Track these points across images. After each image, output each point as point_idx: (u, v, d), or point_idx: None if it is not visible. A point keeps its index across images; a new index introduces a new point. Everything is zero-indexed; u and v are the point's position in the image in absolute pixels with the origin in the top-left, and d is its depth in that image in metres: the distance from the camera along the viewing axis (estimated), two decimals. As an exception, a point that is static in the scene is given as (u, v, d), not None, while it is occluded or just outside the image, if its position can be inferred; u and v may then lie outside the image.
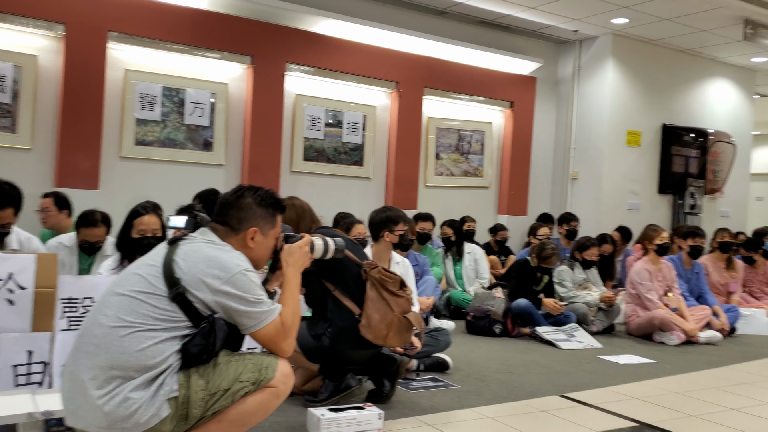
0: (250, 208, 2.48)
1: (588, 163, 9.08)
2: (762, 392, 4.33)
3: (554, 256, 6.04)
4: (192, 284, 2.27)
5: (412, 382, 3.98)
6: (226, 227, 2.47)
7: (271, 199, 2.53)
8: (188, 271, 2.29)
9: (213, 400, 2.29)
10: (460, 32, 8.40)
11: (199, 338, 2.26)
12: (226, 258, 2.34)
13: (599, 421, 3.47)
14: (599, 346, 5.56)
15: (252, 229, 2.47)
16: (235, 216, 2.47)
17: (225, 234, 2.46)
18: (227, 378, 2.31)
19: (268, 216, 2.52)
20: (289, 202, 3.48)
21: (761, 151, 16.37)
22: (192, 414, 2.27)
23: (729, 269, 7.21)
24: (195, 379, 2.27)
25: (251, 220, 2.47)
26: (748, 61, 9.86)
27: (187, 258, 2.31)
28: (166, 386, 2.22)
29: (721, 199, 10.09)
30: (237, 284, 2.30)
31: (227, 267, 2.31)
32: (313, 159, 7.45)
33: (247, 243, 2.47)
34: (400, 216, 4.32)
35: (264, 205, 2.50)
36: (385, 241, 4.29)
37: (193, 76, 6.75)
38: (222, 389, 2.30)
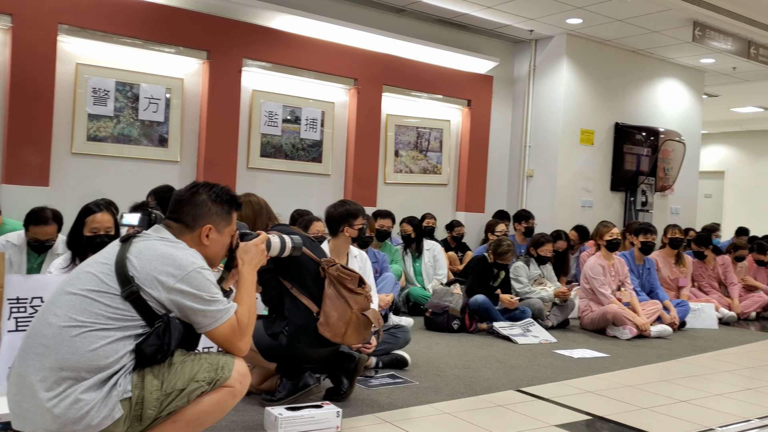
0: (204, 205, 2.44)
1: (543, 161, 9.22)
2: (711, 384, 4.46)
3: (510, 253, 6.11)
4: (146, 282, 2.24)
5: (370, 380, 3.99)
6: (180, 224, 2.43)
7: (226, 195, 2.50)
8: (142, 269, 2.25)
9: (168, 400, 2.25)
10: (419, 30, 8.43)
11: (153, 338, 2.22)
12: (180, 256, 2.31)
13: (554, 415, 3.53)
14: (554, 341, 5.65)
15: (207, 227, 2.44)
16: (190, 213, 2.43)
17: (179, 231, 2.42)
18: (182, 378, 2.28)
19: (224, 213, 2.49)
20: (246, 199, 3.45)
21: (710, 149, 16.86)
22: (146, 415, 2.23)
23: (678, 265, 7.39)
24: (149, 380, 2.23)
25: (206, 217, 2.44)
26: (697, 62, 10.12)
27: (141, 256, 2.27)
28: (119, 387, 2.17)
29: (671, 196, 10.34)
30: (192, 282, 2.27)
31: (182, 265, 2.28)
32: (271, 155, 7.39)
33: (202, 240, 2.43)
34: (359, 210, 4.31)
35: (219, 202, 2.47)
36: (344, 235, 4.27)
37: (147, 70, 6.62)
38: (177, 389, 2.26)
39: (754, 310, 7.70)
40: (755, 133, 16.33)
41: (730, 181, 16.95)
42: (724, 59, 9.60)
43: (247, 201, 3.43)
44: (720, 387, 4.40)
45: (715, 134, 16.85)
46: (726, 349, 5.77)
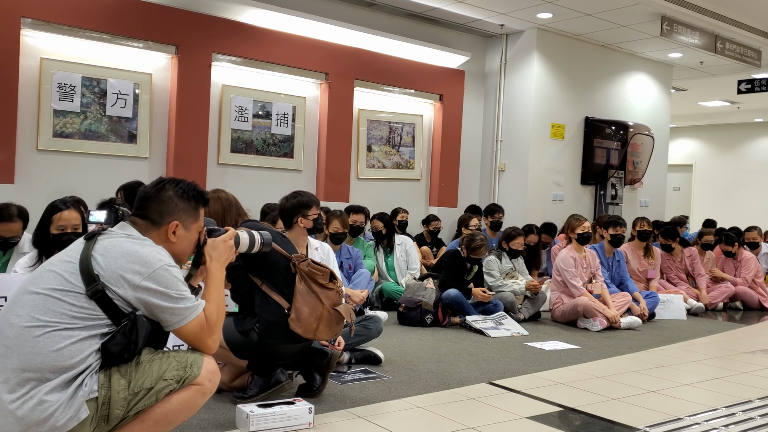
0: (171, 201, 2.41)
1: (515, 156, 9.27)
2: (679, 374, 4.53)
3: (483, 247, 6.14)
4: (111, 280, 2.20)
5: (343, 375, 3.98)
6: (146, 221, 2.40)
7: (193, 191, 2.47)
8: (107, 266, 2.21)
9: (136, 399, 2.22)
10: (390, 24, 8.41)
11: (120, 336, 2.19)
12: (146, 253, 2.27)
13: (526, 407, 3.56)
14: (526, 334, 5.70)
15: (173, 223, 2.41)
16: (156, 209, 2.40)
17: (145, 228, 2.39)
18: (150, 376, 2.25)
19: (191, 209, 2.46)
20: (215, 195, 3.41)
21: (678, 143, 17.12)
22: (113, 415, 2.20)
23: (647, 257, 7.50)
24: (116, 379, 2.20)
25: (173, 214, 2.41)
26: (666, 56, 10.25)
27: (106, 253, 2.24)
28: (85, 387, 2.14)
29: (640, 190, 10.48)
30: (159, 280, 2.24)
31: (148, 262, 2.25)
32: (241, 151, 7.33)
33: (169, 237, 2.40)
34: (312, 200, 4.21)
35: (186, 197, 2.44)
36: (299, 227, 4.20)
37: (114, 65, 6.52)
38: (145, 388, 2.23)
39: (721, 300, 7.84)
40: (722, 126, 16.61)
41: (698, 174, 17.23)
42: (692, 54, 9.74)
43: (216, 197, 3.40)
44: (688, 377, 4.47)
45: (683, 128, 17.11)
46: (694, 340, 5.86)
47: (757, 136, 16.26)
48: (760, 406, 3.75)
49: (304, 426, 3.00)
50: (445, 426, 3.19)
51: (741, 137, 16.47)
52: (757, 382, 4.35)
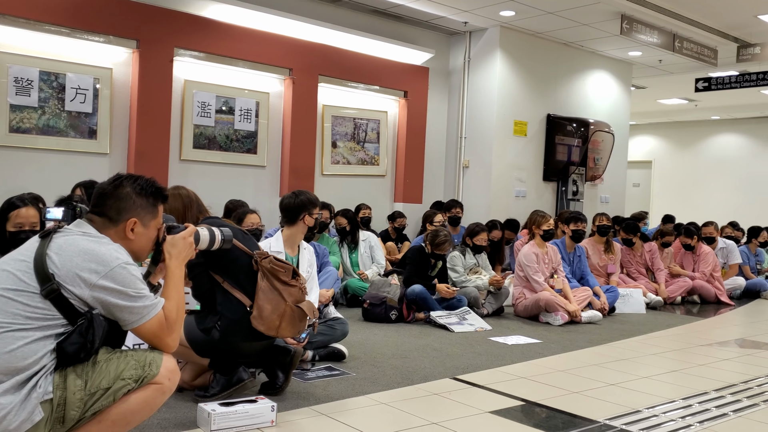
0: (129, 197, 2.37)
1: (478, 152, 9.34)
2: (639, 367, 4.62)
3: (447, 243, 6.18)
4: (67, 279, 2.16)
5: (306, 373, 3.97)
6: (103, 218, 2.35)
7: (151, 188, 2.43)
8: (63, 265, 2.16)
9: (93, 400, 2.18)
10: (354, 20, 8.40)
11: (76, 336, 2.14)
12: (103, 251, 2.23)
13: (489, 402, 3.59)
14: (489, 328, 5.75)
15: (131, 220, 2.37)
16: (114, 206, 2.35)
17: (103, 226, 2.34)
18: (108, 376, 2.21)
19: (149, 206, 2.41)
20: (175, 191, 3.37)
21: (637, 140, 17.44)
22: (69, 416, 2.16)
23: (608, 252, 7.63)
24: (72, 379, 2.16)
25: (130, 211, 2.37)
26: (626, 54, 10.42)
27: (61, 252, 2.19)
28: (39, 388, 2.09)
29: (601, 186, 10.64)
30: (116, 278, 2.20)
31: (105, 260, 2.21)
32: (204, 147, 7.25)
33: (127, 234, 2.36)
34: (317, 200, 4.35)
35: (144, 194, 2.40)
36: (302, 224, 4.25)
37: (73, 60, 6.39)
38: (102, 388, 2.20)
39: (679, 294, 8.01)
40: (681, 123, 16.96)
41: (658, 170, 17.57)
42: (651, 52, 9.92)
43: (177, 194, 3.36)
44: (647, 370, 4.56)
45: (643, 125, 17.43)
46: (653, 333, 5.99)
47: (714, 134, 16.65)
48: (716, 398, 3.84)
49: (267, 424, 2.99)
50: (409, 422, 3.21)
51: (699, 134, 16.84)
52: (714, 374, 4.46)
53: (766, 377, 4.40)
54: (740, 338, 5.96)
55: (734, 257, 8.90)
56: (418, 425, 3.16)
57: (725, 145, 16.45)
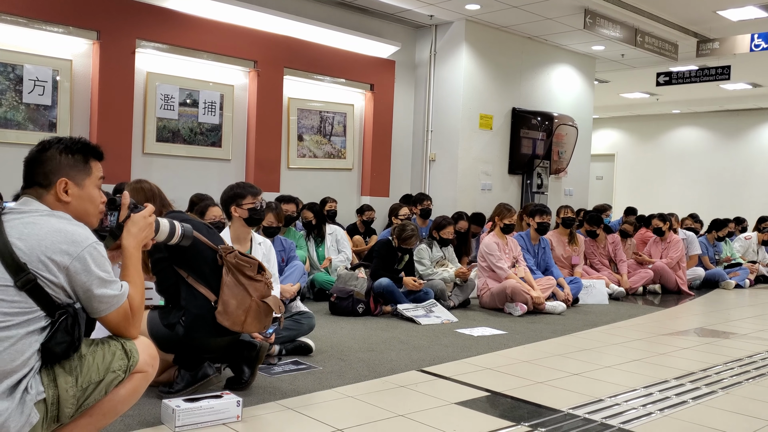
0: (53, 158, 2.19)
1: (445, 146, 9.38)
2: (601, 357, 4.70)
3: (414, 238, 6.20)
4: (40, 266, 2.02)
5: (273, 367, 3.95)
6: (35, 187, 2.19)
7: (77, 144, 2.25)
8: (31, 251, 2.03)
9: (86, 395, 2.12)
10: (320, 13, 8.35)
11: (62, 334, 2.04)
12: (71, 229, 2.10)
13: (455, 393, 3.62)
14: (455, 320, 5.79)
15: (62, 180, 2.18)
16: (41, 172, 2.18)
17: (38, 195, 2.18)
18: (97, 369, 2.14)
19: (78, 164, 2.24)
20: (137, 185, 3.32)
21: (601, 133, 17.68)
22: (65, 414, 2.08)
23: (572, 243, 7.73)
24: (62, 377, 2.07)
25: (58, 172, 2.19)
26: (589, 48, 10.55)
27: (25, 237, 2.04)
28: (31, 390, 2.00)
29: (565, 179, 10.78)
30: (89, 259, 2.09)
31: (76, 240, 2.08)
32: (167, 140, 7.15)
33: (60, 197, 2.19)
34: (248, 189, 4.18)
35: (70, 152, 2.22)
36: (235, 217, 4.18)
37: (32, 51, 6.25)
38: (94, 382, 2.13)
39: (641, 285, 8.15)
40: (642, 117, 17.25)
41: (620, 163, 17.86)
42: (614, 46, 10.06)
43: (139, 187, 3.31)
44: (610, 359, 4.64)
45: (606, 119, 17.68)
46: (616, 323, 6.09)
47: (674, 127, 16.96)
48: (676, 386, 3.92)
49: (233, 419, 2.97)
50: (375, 414, 3.22)
51: (660, 128, 17.14)
52: (674, 362, 4.56)
53: (724, 365, 4.51)
54: (699, 327, 6.09)
55: (694, 248, 9.09)
56: (384, 417, 3.17)
57: (685, 138, 16.78)
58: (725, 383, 4.04)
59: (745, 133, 15.90)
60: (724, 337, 5.59)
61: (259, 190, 4.25)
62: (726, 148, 16.10)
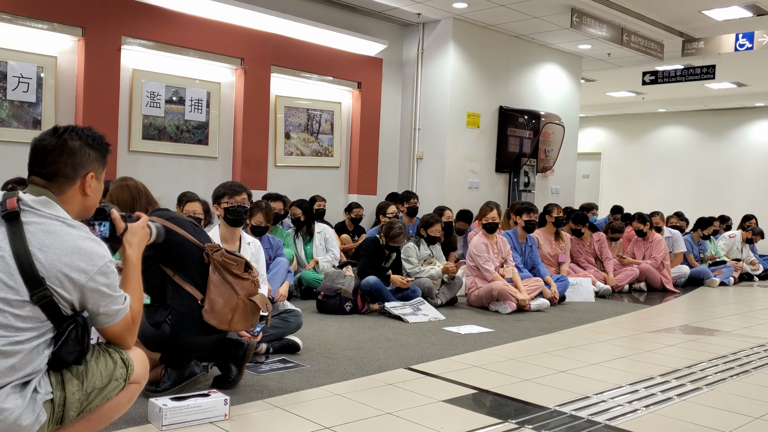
0: (82, 150, 2.14)
1: (432, 144, 9.39)
2: (588, 354, 4.72)
3: (402, 235, 6.21)
4: (56, 282, 1.98)
5: (260, 365, 3.95)
6: (58, 179, 2.11)
7: (100, 138, 2.24)
8: (51, 266, 1.97)
9: (88, 400, 2.12)
10: (307, 10, 8.33)
11: (72, 344, 2.03)
12: (89, 247, 2.05)
13: (442, 391, 3.63)
14: (443, 318, 5.80)
15: (90, 174, 2.16)
16: (69, 162, 2.11)
17: (59, 188, 2.11)
18: (101, 376, 2.14)
19: (101, 158, 2.22)
20: (123, 183, 3.30)
21: (587, 132, 17.76)
22: (68, 416, 2.08)
23: (558, 241, 7.76)
24: (69, 379, 2.08)
25: (87, 165, 2.15)
26: (576, 47, 10.59)
27: (47, 249, 1.98)
28: (41, 389, 2.00)
29: (551, 177, 10.82)
30: (103, 278, 2.06)
31: (93, 258, 2.04)
32: (154, 138, 7.11)
33: (86, 190, 2.17)
34: (227, 189, 4.21)
35: (95, 146, 2.20)
36: (218, 215, 4.21)
37: (16, 47, 6.18)
38: (97, 388, 2.13)
39: (627, 283, 8.21)
40: (628, 116, 17.34)
41: (606, 162, 17.94)
42: (600, 45, 10.10)
43: (125, 185, 3.28)
44: (596, 356, 4.67)
45: (592, 117, 17.76)
46: (602, 321, 6.12)
47: (660, 126, 17.07)
48: (661, 383, 3.96)
49: (220, 418, 2.96)
50: (363, 412, 3.22)
51: (646, 126, 17.24)
52: (659, 359, 4.59)
53: (709, 362, 4.55)
54: (684, 325, 6.14)
55: (679, 246, 9.16)
56: (372, 415, 3.17)
57: (671, 137, 16.89)
58: (710, 380, 4.08)
59: (729, 132, 16.02)
60: (709, 334, 5.63)
61: (240, 190, 4.24)
62: (711, 147, 16.22)
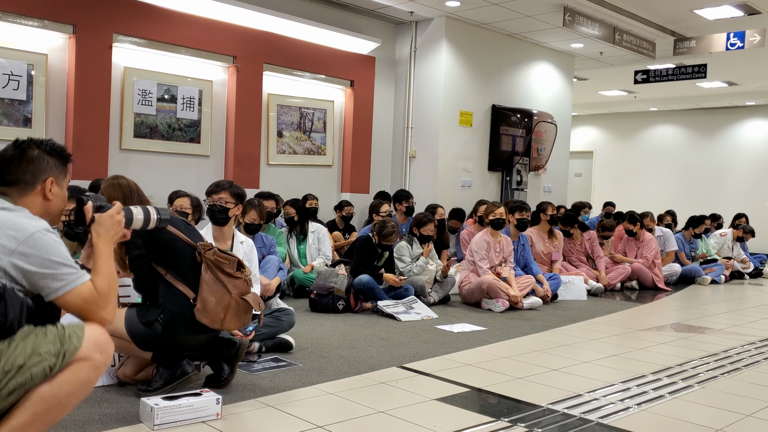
0: (41, 158, 2.35)
1: (425, 142, 9.39)
2: (580, 353, 4.73)
3: (395, 234, 6.21)
4: None
5: (253, 365, 3.94)
6: (18, 185, 2.30)
7: (58, 147, 2.42)
8: None
9: (7, 378, 2.02)
10: (300, 8, 8.31)
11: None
12: (21, 220, 2.18)
13: (435, 389, 3.63)
14: (436, 317, 5.80)
15: (49, 180, 2.35)
16: (28, 170, 2.31)
17: (19, 193, 2.30)
18: (24, 353, 2.04)
19: (60, 165, 2.40)
20: (114, 181, 3.28)
21: (579, 130, 17.81)
22: None
23: (551, 239, 7.78)
24: None
25: (46, 171, 2.35)
26: (568, 46, 10.61)
27: None
28: None
29: (544, 175, 10.83)
30: (36, 244, 2.15)
31: (23, 227, 2.16)
32: (145, 136, 7.08)
33: (46, 195, 2.34)
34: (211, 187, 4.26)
35: (54, 153, 2.39)
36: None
37: (6, 44, 6.14)
38: (17, 365, 2.03)
39: (618, 281, 8.24)
40: (620, 115, 17.39)
41: (599, 160, 17.99)
42: (592, 44, 10.13)
43: (116, 183, 3.26)
44: (588, 355, 4.68)
45: (585, 116, 17.80)
46: (594, 319, 6.14)
47: (652, 125, 17.13)
48: (653, 380, 3.97)
49: (212, 417, 2.95)
50: (355, 411, 3.21)
51: (638, 125, 17.30)
52: (651, 357, 4.61)
53: (700, 360, 4.57)
54: (676, 323, 6.16)
55: (671, 245, 9.20)
56: (364, 414, 3.17)
57: (662, 135, 16.95)
58: (701, 378, 4.09)
59: (720, 130, 16.09)
60: (700, 332, 5.66)
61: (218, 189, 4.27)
62: (702, 146, 16.29)
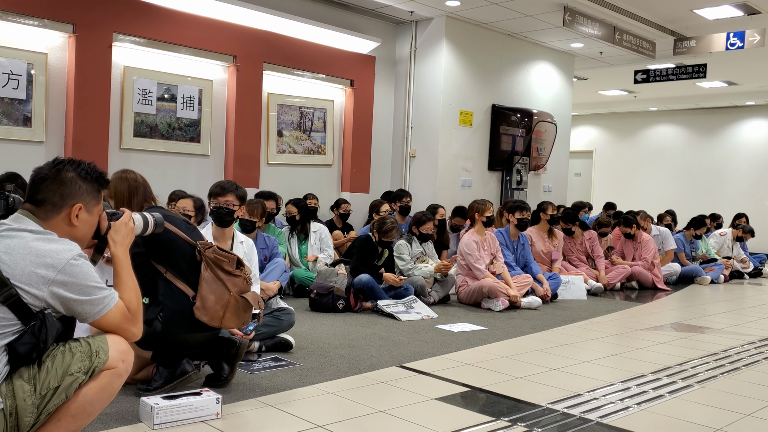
0: (74, 182, 2.26)
1: (425, 142, 9.39)
2: (580, 352, 4.73)
3: (395, 230, 6.20)
4: (23, 280, 2.05)
5: (253, 364, 3.93)
6: (46, 206, 2.23)
7: (95, 173, 2.33)
8: (15, 265, 2.06)
9: (44, 402, 2.10)
10: (300, 8, 8.31)
11: (28, 336, 2.05)
12: (54, 247, 2.13)
13: (435, 389, 3.63)
14: (435, 316, 5.80)
15: (77, 206, 2.26)
16: (58, 192, 2.23)
17: (45, 214, 2.22)
18: (56, 374, 2.12)
19: (93, 191, 2.31)
20: (123, 174, 3.27)
21: (579, 130, 17.81)
22: (24, 423, 2.07)
23: (551, 238, 7.78)
24: (20, 386, 2.06)
25: (76, 196, 2.26)
26: (568, 46, 10.60)
27: (11, 251, 2.08)
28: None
29: (544, 175, 10.83)
30: (74, 271, 2.13)
31: (58, 256, 2.12)
32: (145, 135, 7.08)
33: (72, 221, 2.26)
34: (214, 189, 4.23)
35: (89, 179, 2.30)
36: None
37: (6, 44, 6.14)
38: (52, 388, 2.11)
39: (618, 281, 8.23)
40: (620, 114, 17.40)
41: (598, 160, 17.99)
42: (592, 44, 10.12)
43: (124, 177, 3.26)
44: (588, 354, 4.68)
45: (584, 116, 17.80)
46: (593, 319, 6.14)
47: (651, 124, 17.13)
48: (653, 380, 3.97)
49: (212, 417, 2.94)
50: (355, 410, 3.21)
51: (637, 125, 17.30)
52: (650, 357, 4.61)
53: (700, 359, 4.57)
54: (676, 322, 6.16)
55: (669, 243, 9.19)
56: (364, 414, 3.17)
57: (662, 135, 16.95)
58: (701, 377, 4.09)
59: (720, 130, 16.09)
60: (700, 331, 5.66)
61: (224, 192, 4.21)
62: (702, 146, 16.29)
